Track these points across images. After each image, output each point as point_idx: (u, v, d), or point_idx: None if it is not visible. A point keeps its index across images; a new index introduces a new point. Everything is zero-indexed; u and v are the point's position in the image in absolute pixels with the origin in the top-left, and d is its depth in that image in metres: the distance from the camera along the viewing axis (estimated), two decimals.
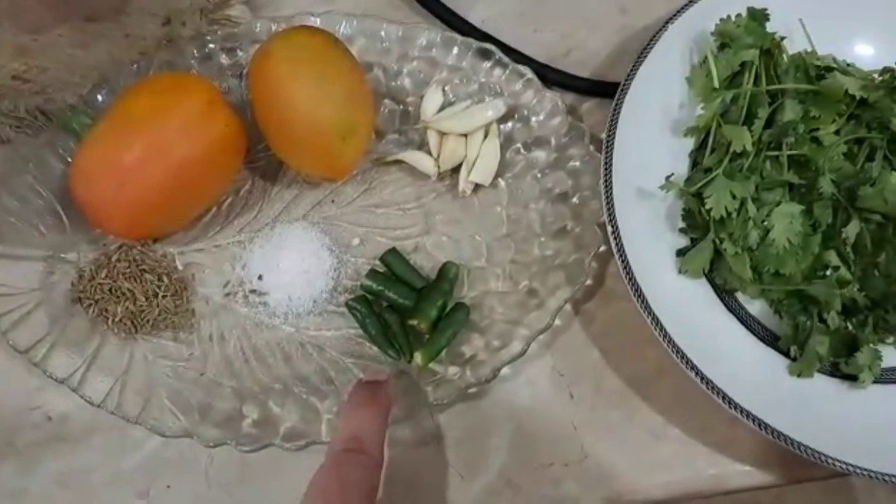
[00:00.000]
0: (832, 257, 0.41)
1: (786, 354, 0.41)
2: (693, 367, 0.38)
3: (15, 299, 0.41)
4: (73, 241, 0.44)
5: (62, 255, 0.43)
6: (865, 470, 0.37)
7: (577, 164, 0.44)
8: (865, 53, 0.46)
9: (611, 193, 0.40)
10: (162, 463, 0.41)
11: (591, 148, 0.44)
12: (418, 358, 0.41)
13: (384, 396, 0.38)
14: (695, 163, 0.44)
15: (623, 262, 0.39)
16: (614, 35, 0.50)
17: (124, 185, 0.40)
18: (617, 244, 0.40)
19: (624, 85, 0.43)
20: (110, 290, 0.42)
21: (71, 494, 0.41)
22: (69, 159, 0.44)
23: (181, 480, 0.41)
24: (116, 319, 0.41)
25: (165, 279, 0.43)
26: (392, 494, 0.40)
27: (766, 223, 0.41)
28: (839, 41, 0.45)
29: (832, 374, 0.41)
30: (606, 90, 0.47)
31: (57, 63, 0.45)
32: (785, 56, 0.44)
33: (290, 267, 0.43)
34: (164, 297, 0.42)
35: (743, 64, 0.43)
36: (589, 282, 0.44)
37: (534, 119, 0.46)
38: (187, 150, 0.41)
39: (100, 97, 0.45)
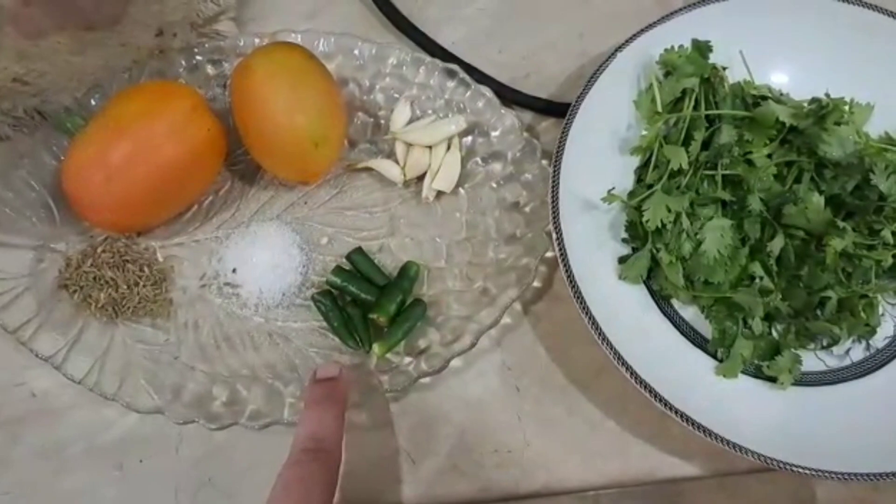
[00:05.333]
0: (757, 268, 0.44)
1: (714, 356, 0.45)
2: (627, 366, 0.41)
3: (6, 283, 0.45)
4: (62, 233, 0.47)
5: (51, 245, 0.46)
6: (779, 461, 0.40)
7: (530, 176, 0.48)
8: (781, 81, 0.50)
9: (557, 203, 0.44)
10: (136, 439, 0.44)
11: (544, 162, 0.48)
12: (376, 349, 0.44)
13: (340, 393, 0.40)
14: (639, 179, 0.48)
15: (565, 266, 0.43)
16: (573, 59, 0.54)
17: (112, 181, 0.43)
18: (560, 250, 0.43)
19: (574, 106, 0.46)
20: (95, 278, 0.45)
21: (51, 465, 0.44)
22: (62, 156, 0.47)
23: (153, 455, 0.44)
24: (99, 305, 0.45)
25: (146, 270, 0.46)
26: (347, 475, 0.43)
27: (698, 235, 0.44)
28: (765, 70, 0.49)
29: (755, 376, 0.44)
30: (561, 110, 0.50)
31: (55, 68, 0.48)
32: (725, 84, 0.48)
33: (262, 262, 0.46)
34: (144, 286, 0.45)
35: (684, 91, 0.47)
36: (538, 284, 0.48)
37: (493, 134, 0.50)
38: (172, 151, 0.44)
39: (93, 101, 0.48)
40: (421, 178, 0.49)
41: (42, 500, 0.43)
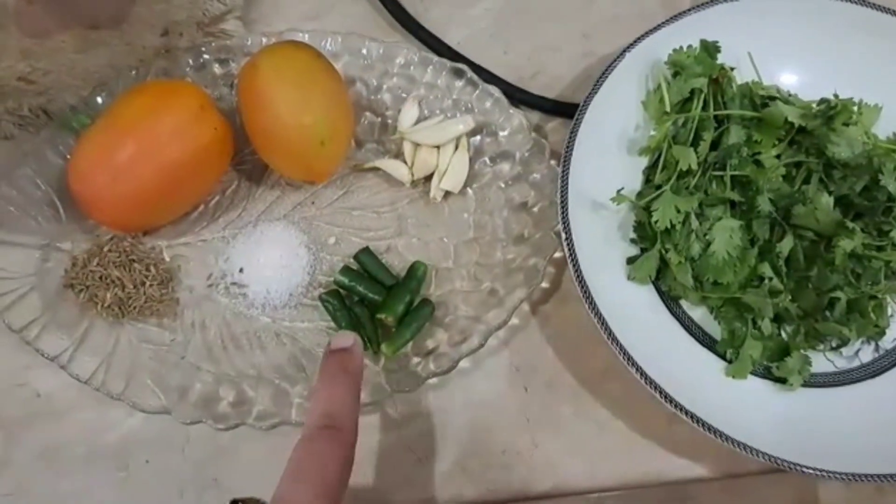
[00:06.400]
0: (766, 269, 0.44)
1: (723, 357, 0.44)
2: (636, 367, 0.41)
3: (11, 283, 0.44)
4: (68, 232, 0.46)
5: (57, 244, 0.46)
6: (788, 462, 0.40)
7: (538, 176, 0.48)
8: (789, 81, 0.50)
9: (566, 204, 0.44)
10: (141, 440, 0.44)
11: (552, 162, 0.48)
12: (384, 349, 0.44)
13: (354, 364, 0.37)
14: (648, 179, 0.48)
15: (574, 266, 0.43)
16: (579, 59, 0.54)
17: (118, 180, 0.43)
18: (569, 250, 0.43)
19: (582, 106, 0.46)
20: (101, 277, 0.45)
21: (55, 465, 0.43)
22: (67, 155, 0.47)
23: (159, 456, 0.43)
24: (105, 305, 0.44)
25: (153, 269, 0.46)
26: (354, 475, 0.43)
27: (707, 236, 0.44)
28: (773, 71, 0.50)
29: (764, 377, 0.44)
30: (569, 110, 0.50)
31: (60, 67, 0.48)
32: (734, 85, 0.48)
33: (269, 262, 0.46)
34: (150, 285, 0.45)
35: (692, 91, 0.47)
36: (546, 285, 0.47)
37: (501, 134, 0.49)
38: (178, 151, 0.44)
39: (99, 99, 0.48)
40: (428, 178, 0.49)
41: (47, 500, 0.43)
